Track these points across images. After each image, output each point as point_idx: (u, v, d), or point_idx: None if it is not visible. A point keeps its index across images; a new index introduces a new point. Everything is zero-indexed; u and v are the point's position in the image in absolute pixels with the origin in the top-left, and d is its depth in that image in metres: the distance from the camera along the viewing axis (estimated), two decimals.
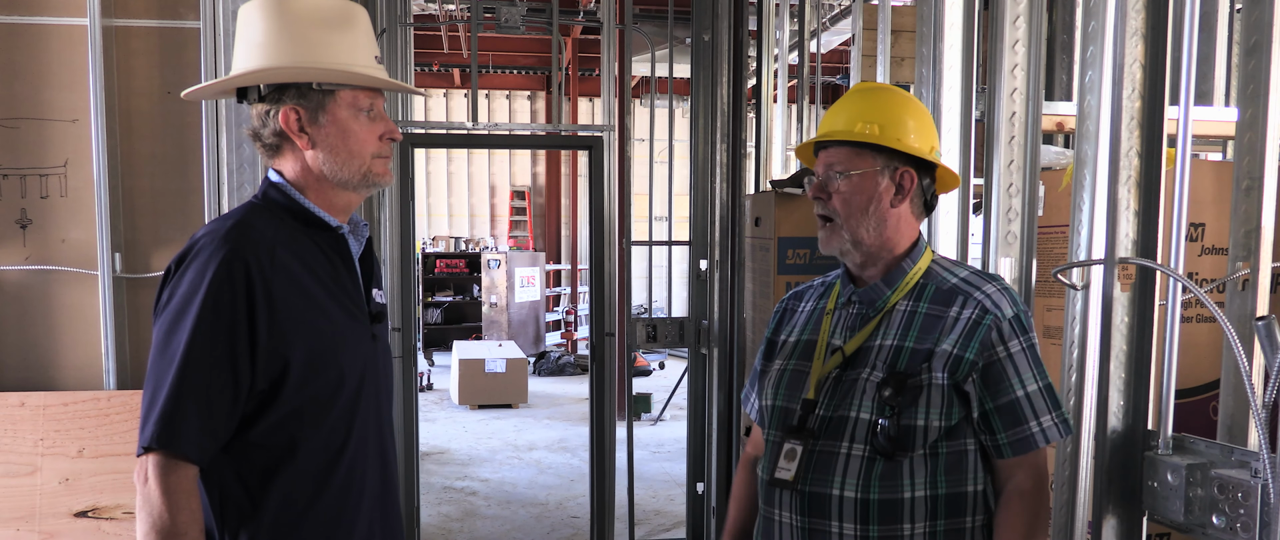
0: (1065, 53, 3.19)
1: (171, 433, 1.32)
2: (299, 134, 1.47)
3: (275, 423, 1.41)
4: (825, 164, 1.59)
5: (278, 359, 1.39)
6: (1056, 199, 2.30)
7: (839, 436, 1.53)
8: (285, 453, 1.43)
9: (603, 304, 4.42)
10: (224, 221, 1.44)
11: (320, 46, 1.46)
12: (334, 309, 1.48)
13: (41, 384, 2.89)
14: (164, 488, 1.32)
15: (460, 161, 14.59)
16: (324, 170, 1.49)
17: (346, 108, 1.48)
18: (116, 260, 2.86)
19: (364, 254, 1.61)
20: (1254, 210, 1.70)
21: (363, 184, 1.52)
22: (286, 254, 1.43)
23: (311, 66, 1.45)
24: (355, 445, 1.50)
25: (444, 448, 7.09)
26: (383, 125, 1.52)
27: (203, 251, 1.39)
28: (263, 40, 1.46)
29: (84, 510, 2.79)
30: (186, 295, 1.37)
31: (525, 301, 12.09)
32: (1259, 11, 1.68)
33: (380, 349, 1.60)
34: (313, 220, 1.50)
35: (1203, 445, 1.63)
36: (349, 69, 1.47)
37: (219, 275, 1.36)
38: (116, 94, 2.86)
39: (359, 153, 1.49)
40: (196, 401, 1.34)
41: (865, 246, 1.57)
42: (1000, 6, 2.06)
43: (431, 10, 9.78)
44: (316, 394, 1.43)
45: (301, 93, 1.46)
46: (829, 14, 7.93)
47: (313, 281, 1.45)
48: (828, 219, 1.58)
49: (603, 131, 4.37)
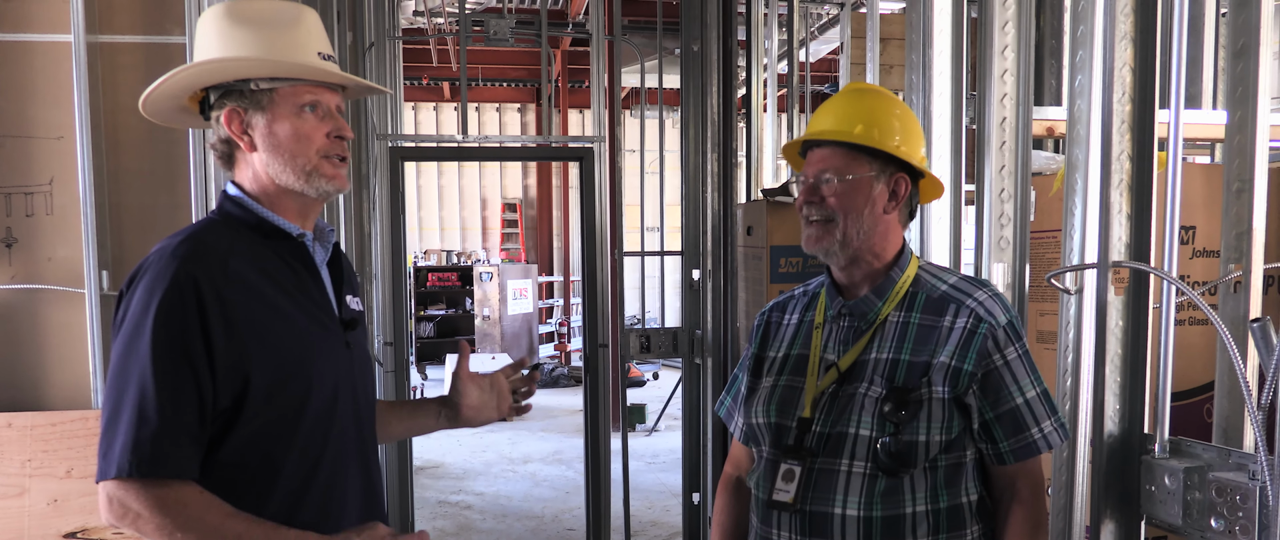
0: (1054, 58, 3.20)
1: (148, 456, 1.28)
2: (242, 136, 1.43)
3: (245, 439, 1.37)
4: (818, 166, 1.54)
5: (238, 373, 1.34)
6: (1047, 204, 2.30)
7: (838, 454, 1.49)
8: (258, 469, 1.39)
9: (596, 315, 4.40)
10: (174, 238, 1.39)
11: (263, 45, 1.42)
12: (300, 319, 1.43)
13: (29, 404, 2.86)
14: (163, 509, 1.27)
15: (451, 174, 14.58)
16: (270, 173, 1.44)
17: (287, 104, 1.43)
18: (103, 278, 2.83)
19: (334, 259, 1.56)
20: (1245, 212, 1.70)
21: (310, 186, 1.44)
22: (242, 264, 1.38)
23: (243, 59, 1.40)
24: (332, 457, 1.46)
25: (438, 462, 7.05)
26: (330, 123, 1.46)
27: (150, 270, 1.34)
28: (207, 47, 1.43)
29: (73, 532, 2.76)
30: (138, 316, 1.32)
31: (518, 314, 12.06)
32: (1246, 14, 1.68)
33: (356, 357, 1.54)
34: (271, 230, 1.46)
35: (1200, 448, 1.63)
36: (286, 61, 1.41)
37: (168, 294, 1.31)
38: (102, 110, 2.84)
39: (302, 151, 1.43)
40: (166, 419, 1.29)
41: (851, 248, 1.52)
42: (989, 12, 2.06)
43: (420, 23, 9.78)
44: (285, 407, 1.39)
45: (242, 94, 1.42)
46: (817, 23, 7.96)
47: (275, 291, 1.41)
48: (823, 220, 1.52)
49: (593, 143, 4.37)
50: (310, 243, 1.51)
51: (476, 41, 4.52)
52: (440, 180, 14.52)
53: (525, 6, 9.88)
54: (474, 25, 4.44)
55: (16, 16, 2.80)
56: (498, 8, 8.64)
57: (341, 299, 1.55)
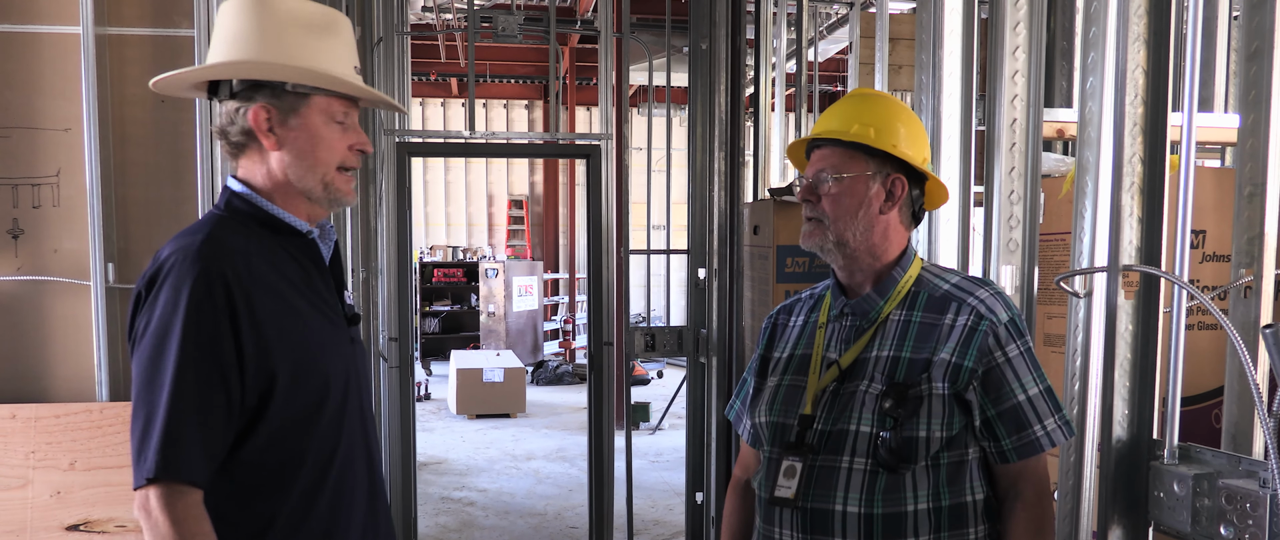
0: (1064, 59, 3.18)
1: (173, 462, 1.29)
2: (267, 134, 1.43)
3: (267, 437, 1.39)
4: (816, 166, 1.57)
5: (264, 372, 1.36)
6: (1056, 207, 2.29)
7: (839, 451, 1.50)
8: (278, 465, 1.40)
9: (601, 313, 4.40)
10: (191, 237, 1.39)
11: (299, 49, 1.43)
12: (313, 316, 1.45)
13: (33, 396, 2.86)
14: (172, 518, 1.28)
15: (458, 170, 14.59)
16: (288, 175, 1.45)
17: (319, 113, 1.45)
18: (109, 270, 2.84)
19: (331, 257, 1.58)
20: (1257, 216, 1.68)
21: (325, 196, 1.47)
22: (262, 264, 1.39)
23: (287, 65, 1.41)
24: (344, 450, 1.48)
25: (442, 458, 7.06)
26: (353, 136, 1.48)
27: (175, 271, 1.34)
28: (240, 36, 1.42)
29: (76, 524, 2.76)
30: (165, 318, 1.32)
31: (523, 310, 12.06)
32: (1260, 17, 1.66)
33: (358, 352, 1.57)
34: (282, 227, 1.47)
35: (1209, 454, 1.61)
36: (326, 73, 1.43)
37: (197, 293, 1.31)
38: (110, 103, 2.84)
39: (325, 160, 1.45)
40: (193, 426, 1.30)
41: (849, 249, 1.54)
42: (1000, 13, 2.04)
43: (428, 19, 9.78)
44: (305, 403, 1.41)
45: (275, 92, 1.42)
46: (826, 22, 7.93)
47: (289, 290, 1.42)
48: (816, 218, 1.55)
49: (600, 140, 4.36)
50: (317, 239, 1.52)
51: (485, 38, 4.51)
52: (447, 176, 14.53)
53: (534, 3, 9.88)
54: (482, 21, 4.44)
55: (25, 8, 2.81)
56: (506, 4, 8.64)
57: (340, 295, 1.57)
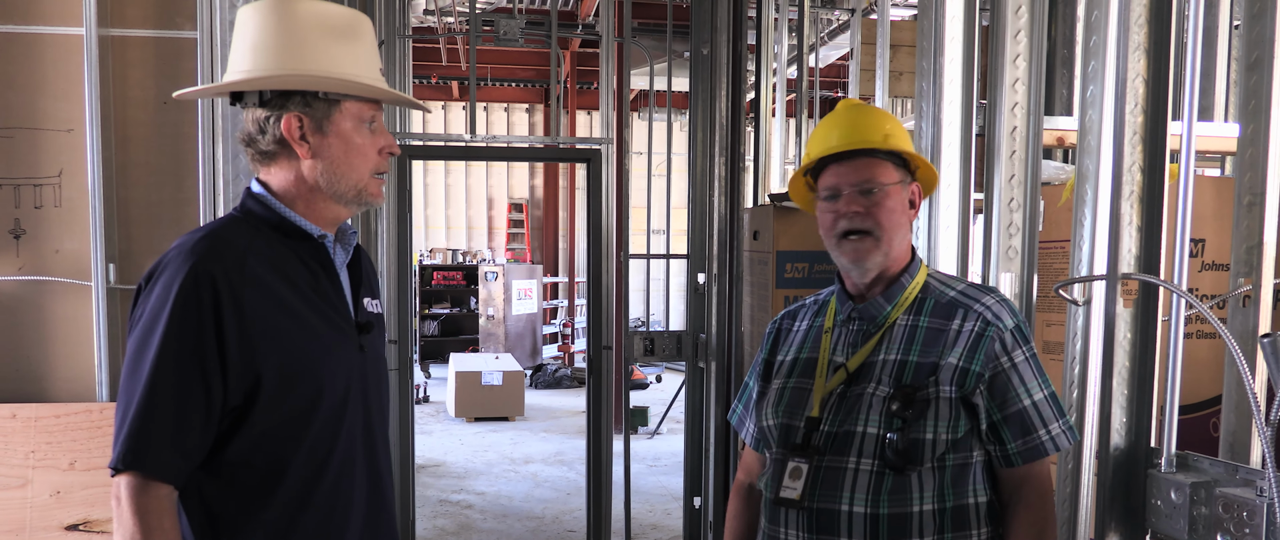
0: (1066, 67, 3.19)
1: (140, 453, 1.30)
2: (300, 142, 1.44)
3: (254, 438, 1.38)
4: (853, 177, 1.53)
5: (249, 372, 1.35)
6: (1055, 214, 2.29)
7: (846, 452, 1.51)
8: (265, 469, 1.39)
9: (600, 317, 4.40)
10: (194, 234, 1.41)
11: (326, 55, 1.43)
12: (313, 319, 1.44)
13: (33, 396, 2.86)
14: (136, 508, 1.29)
15: (458, 173, 14.59)
16: (320, 181, 1.46)
17: (351, 119, 1.46)
18: (110, 271, 2.84)
19: (355, 262, 1.58)
20: (1256, 226, 1.69)
21: (356, 200, 1.49)
22: (259, 263, 1.39)
23: (321, 75, 1.42)
24: (340, 459, 1.46)
25: (440, 460, 7.05)
26: (383, 138, 1.50)
27: (169, 266, 1.36)
28: (266, 44, 1.42)
29: (75, 524, 2.76)
30: (154, 311, 1.33)
31: (522, 314, 12.06)
32: (1260, 27, 1.67)
33: (370, 359, 1.55)
34: (292, 230, 1.47)
35: (1207, 463, 1.62)
36: (357, 80, 1.44)
37: (185, 289, 1.32)
38: (112, 104, 2.84)
39: (359, 166, 1.47)
40: (166, 420, 1.31)
41: (890, 258, 1.55)
42: (1001, 20, 2.05)
43: (430, 22, 9.79)
44: (295, 406, 1.40)
45: (307, 101, 1.43)
46: (827, 29, 7.94)
47: (289, 291, 1.42)
48: (867, 231, 1.51)
49: (601, 144, 4.37)
50: (331, 244, 1.52)
51: (486, 41, 4.52)
52: (447, 179, 14.53)
53: (535, 7, 9.89)
54: (484, 25, 4.45)
55: (28, 9, 2.81)
56: (508, 8, 8.65)
57: (359, 301, 1.56)
